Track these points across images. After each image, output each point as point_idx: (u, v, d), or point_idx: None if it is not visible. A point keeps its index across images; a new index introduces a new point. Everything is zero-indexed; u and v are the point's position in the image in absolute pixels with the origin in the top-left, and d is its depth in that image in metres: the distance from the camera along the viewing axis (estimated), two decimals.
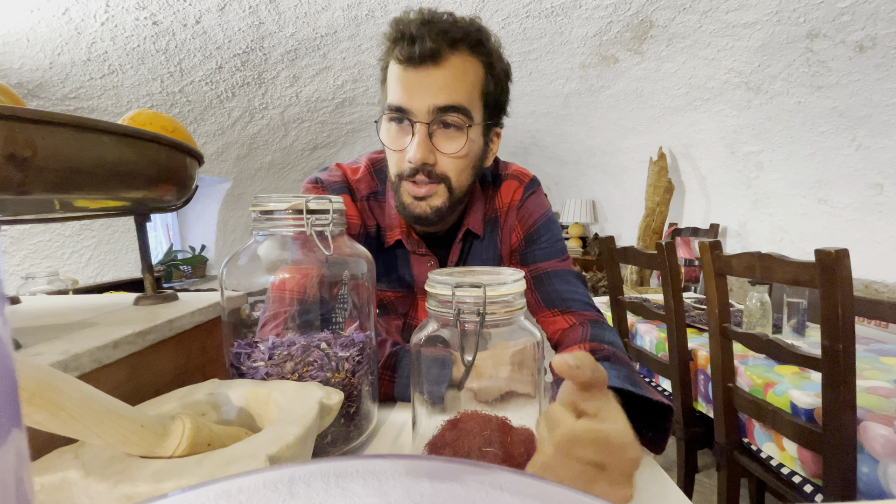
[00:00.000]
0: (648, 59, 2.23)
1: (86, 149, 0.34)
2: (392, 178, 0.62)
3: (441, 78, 0.55)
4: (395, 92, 0.57)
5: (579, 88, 2.68)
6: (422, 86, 0.55)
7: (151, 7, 1.69)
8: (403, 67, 0.55)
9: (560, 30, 2.09)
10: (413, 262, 0.70)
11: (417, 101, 0.55)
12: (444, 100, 0.55)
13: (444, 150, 0.58)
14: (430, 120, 0.56)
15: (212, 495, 0.14)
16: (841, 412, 0.84)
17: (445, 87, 0.55)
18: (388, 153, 0.61)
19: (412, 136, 0.57)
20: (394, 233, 0.68)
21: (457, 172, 0.59)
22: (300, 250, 0.45)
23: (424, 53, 0.53)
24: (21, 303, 0.56)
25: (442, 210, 0.61)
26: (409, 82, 0.55)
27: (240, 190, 3.22)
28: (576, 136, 3.44)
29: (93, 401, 0.23)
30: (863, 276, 1.92)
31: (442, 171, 0.59)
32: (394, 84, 0.57)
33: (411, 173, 0.58)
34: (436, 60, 0.54)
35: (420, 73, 0.55)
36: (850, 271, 0.83)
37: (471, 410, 0.39)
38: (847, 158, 1.96)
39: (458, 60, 0.56)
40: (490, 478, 0.15)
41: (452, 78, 0.55)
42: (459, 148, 0.58)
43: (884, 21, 1.54)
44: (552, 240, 0.71)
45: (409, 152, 0.57)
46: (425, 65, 0.54)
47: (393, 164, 0.61)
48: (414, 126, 0.56)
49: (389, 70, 0.59)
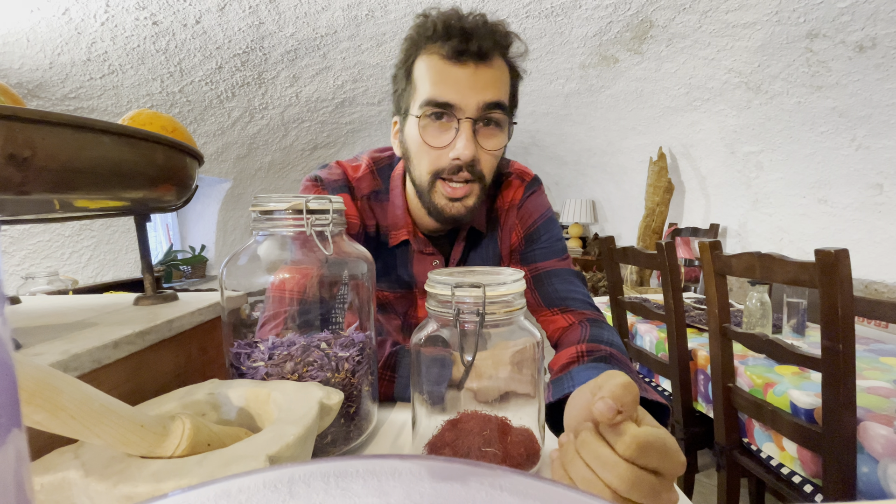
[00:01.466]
0: (648, 59, 2.23)
1: (86, 149, 0.34)
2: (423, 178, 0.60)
3: (490, 75, 0.56)
4: (437, 86, 0.55)
5: (579, 88, 2.68)
6: (471, 81, 0.55)
7: (151, 7, 1.69)
8: (451, 62, 0.55)
9: (560, 30, 2.09)
10: (416, 261, 0.69)
11: (466, 96, 0.55)
12: (492, 96, 0.56)
13: (487, 146, 0.58)
14: (476, 116, 0.56)
15: (212, 495, 0.14)
16: (841, 412, 0.84)
17: (492, 85, 0.56)
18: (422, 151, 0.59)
19: (456, 132, 0.56)
20: (400, 232, 0.67)
21: (490, 169, 0.60)
22: (300, 250, 0.45)
23: (478, 51, 0.54)
24: (21, 303, 0.56)
25: (475, 209, 0.61)
26: (456, 77, 0.55)
27: (240, 190, 3.22)
28: (576, 136, 3.44)
29: (92, 401, 0.23)
30: (863, 276, 1.92)
31: (481, 169, 0.59)
32: (433, 79, 0.56)
33: (454, 170, 0.57)
34: (485, 59, 0.55)
35: (469, 69, 0.55)
36: (850, 271, 0.83)
37: (471, 410, 0.39)
38: (847, 158, 1.96)
39: (498, 61, 0.57)
40: (490, 478, 0.15)
41: (497, 76, 0.57)
42: (500, 145, 0.59)
43: (884, 21, 1.54)
44: (552, 239, 0.71)
45: (458, 149, 0.56)
46: (475, 61, 0.55)
47: (428, 162, 0.59)
48: (459, 122, 0.56)
49: (421, 66, 0.57)
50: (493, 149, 0.58)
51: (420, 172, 0.60)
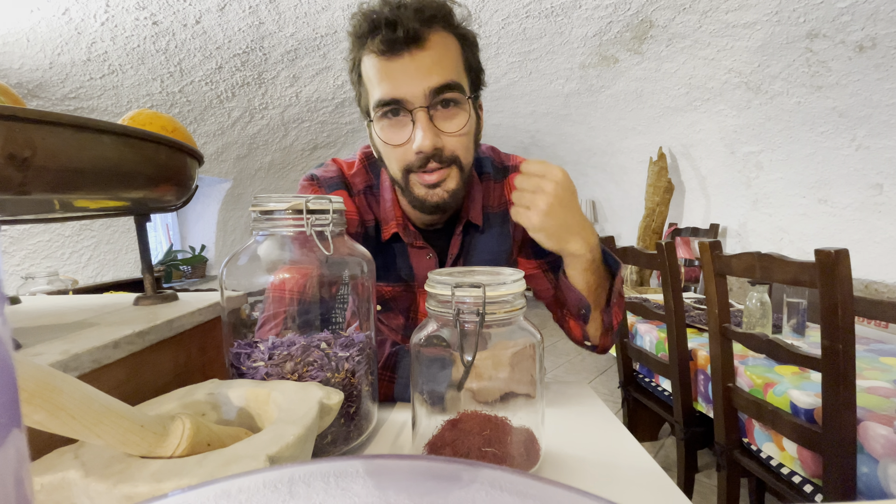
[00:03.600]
0: (648, 59, 2.23)
1: (86, 149, 0.34)
2: (397, 176, 0.59)
3: (428, 58, 0.53)
4: (381, 85, 0.54)
5: (579, 88, 2.68)
6: (411, 71, 0.53)
7: (151, 7, 1.69)
8: (386, 57, 0.53)
9: (560, 30, 2.09)
10: (411, 255, 0.69)
11: (410, 87, 0.53)
12: (438, 79, 0.53)
13: (449, 129, 0.56)
14: (428, 103, 0.54)
15: (212, 495, 0.14)
16: (841, 412, 0.84)
17: (435, 67, 0.53)
18: (387, 151, 0.58)
19: (413, 125, 0.55)
20: (390, 226, 0.66)
21: (464, 150, 0.58)
22: (300, 250, 0.45)
23: (407, 37, 0.51)
24: (21, 303, 0.56)
25: (457, 192, 0.59)
26: (395, 71, 0.53)
27: (240, 190, 3.22)
28: (576, 136, 3.44)
29: (92, 401, 0.23)
30: (863, 276, 1.93)
31: (451, 153, 0.57)
32: (377, 78, 0.54)
33: (422, 163, 0.56)
34: (418, 42, 0.52)
35: (405, 59, 0.53)
36: (850, 271, 0.83)
37: (470, 410, 0.39)
38: (847, 158, 1.96)
39: (438, 38, 0.54)
40: (490, 478, 0.15)
41: (439, 56, 0.54)
42: (463, 124, 0.56)
43: (884, 21, 1.54)
44: None
45: (416, 141, 0.54)
46: (409, 49, 0.52)
47: (396, 160, 0.58)
48: (413, 114, 0.54)
49: (365, 66, 0.56)
50: (455, 130, 0.56)
51: (393, 171, 0.60)
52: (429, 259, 0.68)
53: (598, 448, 0.45)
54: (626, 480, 0.40)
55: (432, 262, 0.68)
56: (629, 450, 0.45)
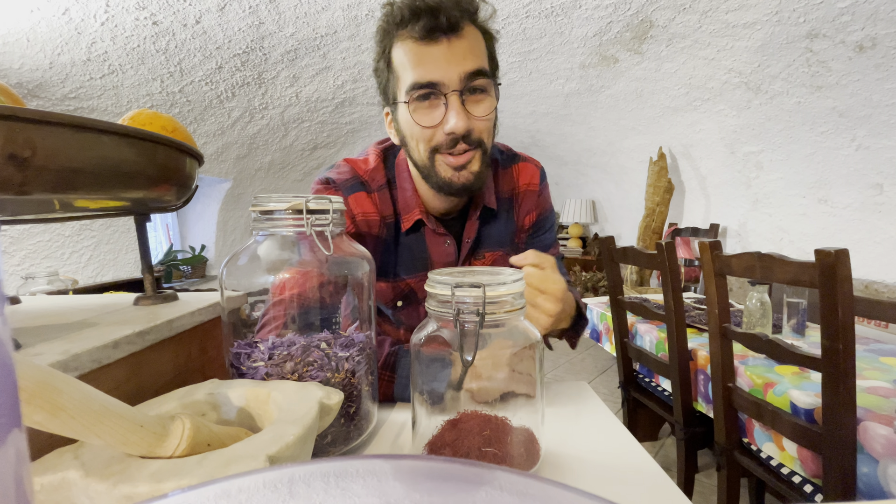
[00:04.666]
0: (648, 59, 2.23)
1: (86, 149, 0.34)
2: (423, 157, 0.62)
3: (465, 45, 0.57)
4: (417, 69, 0.57)
5: (579, 88, 2.68)
6: (448, 56, 0.56)
7: (151, 7, 1.69)
8: (424, 43, 0.56)
9: (560, 30, 2.09)
10: (430, 244, 0.70)
11: (447, 71, 0.56)
12: (472, 65, 0.57)
13: (478, 113, 0.59)
14: (461, 87, 0.57)
15: (212, 495, 0.14)
16: (841, 412, 0.84)
17: (469, 54, 0.57)
18: (416, 133, 0.60)
19: (446, 108, 0.58)
20: (412, 214, 0.68)
21: (487, 134, 0.62)
22: (300, 251, 0.45)
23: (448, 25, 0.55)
24: (21, 303, 0.56)
25: (482, 174, 0.62)
26: (433, 55, 0.56)
27: (240, 190, 3.22)
28: (576, 136, 3.44)
29: (92, 401, 0.23)
30: (863, 276, 1.92)
31: (478, 136, 0.60)
32: (413, 63, 0.57)
33: (451, 144, 0.59)
34: (456, 31, 0.56)
35: (443, 45, 0.56)
36: (850, 271, 0.83)
37: (470, 410, 0.39)
38: (847, 158, 1.96)
39: (471, 29, 0.58)
40: (490, 478, 0.15)
41: (472, 45, 0.58)
42: (490, 109, 0.60)
43: (884, 21, 1.54)
44: (552, 230, 0.79)
45: (450, 122, 0.57)
46: (447, 36, 0.56)
47: (424, 141, 0.60)
48: (447, 97, 0.57)
49: (398, 53, 0.59)
50: (484, 114, 0.60)
51: (419, 153, 0.62)
52: (447, 246, 0.71)
53: (598, 448, 0.45)
54: (626, 480, 0.40)
55: (451, 249, 0.71)
56: (629, 450, 0.45)
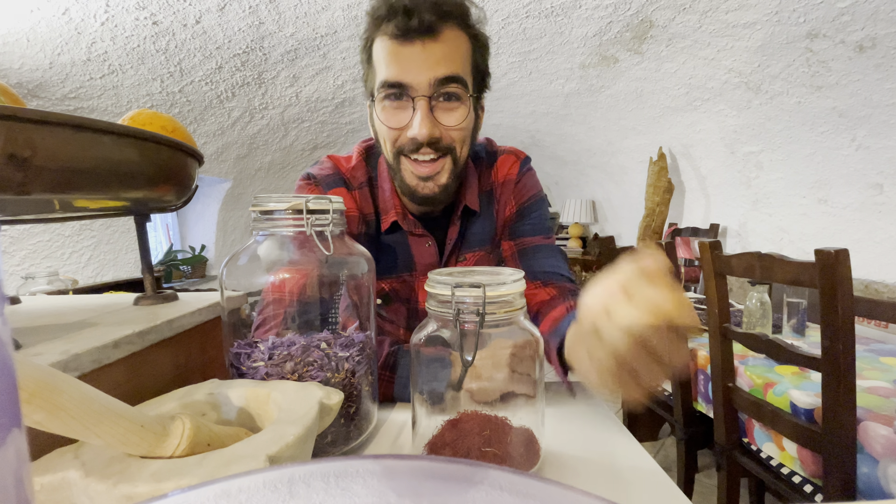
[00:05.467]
0: (648, 59, 2.23)
1: (86, 149, 0.34)
2: (390, 158, 0.60)
3: (439, 50, 0.54)
4: (389, 68, 0.55)
5: (579, 88, 2.67)
6: (420, 59, 0.54)
7: (151, 7, 1.69)
8: (398, 42, 0.54)
9: (560, 30, 2.09)
10: (412, 244, 0.69)
11: (417, 74, 0.54)
12: (444, 71, 0.55)
13: (447, 122, 0.57)
14: (431, 93, 0.55)
15: (212, 495, 0.14)
16: (841, 412, 0.84)
17: (444, 59, 0.55)
18: (384, 132, 0.59)
19: (413, 111, 0.56)
20: (389, 215, 0.67)
21: (460, 143, 0.59)
22: (300, 250, 0.45)
23: (421, 26, 0.53)
24: (21, 303, 0.56)
25: (449, 186, 0.60)
26: (405, 56, 0.54)
27: (240, 190, 3.21)
28: (576, 136, 3.43)
29: (92, 401, 0.23)
30: (863, 276, 1.92)
31: (448, 143, 0.58)
32: (386, 60, 0.55)
33: (415, 147, 0.57)
34: (432, 33, 0.54)
35: (417, 47, 0.54)
36: (850, 271, 0.83)
37: (470, 410, 0.39)
38: (847, 158, 1.96)
39: (451, 33, 0.55)
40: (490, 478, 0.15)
41: (449, 50, 0.55)
42: (462, 119, 0.57)
43: (884, 21, 1.54)
44: (541, 218, 0.73)
45: (414, 128, 0.56)
46: (422, 38, 0.54)
47: (390, 141, 0.59)
48: (414, 101, 0.55)
49: (377, 47, 0.57)
50: (454, 123, 0.57)
51: (386, 152, 0.61)
52: (428, 247, 0.69)
53: (598, 448, 0.45)
54: (626, 480, 0.40)
55: (432, 250, 0.69)
56: (629, 450, 0.45)
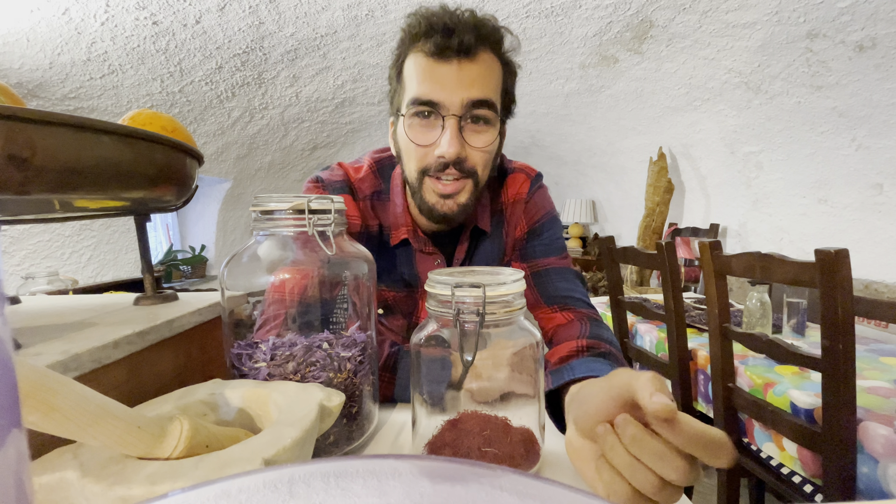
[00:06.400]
0: (648, 59, 2.23)
1: (86, 149, 0.34)
2: (412, 176, 0.60)
3: (474, 71, 0.55)
4: (422, 85, 0.55)
5: (579, 88, 2.67)
6: (455, 78, 0.54)
7: (151, 7, 1.69)
8: (434, 60, 0.55)
9: (560, 30, 2.09)
10: (418, 260, 0.69)
11: (451, 93, 0.54)
12: (477, 93, 0.55)
13: (475, 143, 0.57)
14: (461, 113, 0.55)
15: (212, 495, 0.14)
16: (841, 412, 0.84)
17: (478, 81, 0.55)
18: (410, 149, 0.59)
19: (442, 130, 0.56)
20: (399, 231, 0.67)
21: (483, 166, 0.59)
22: (300, 250, 0.44)
23: (460, 46, 0.53)
24: (21, 303, 0.56)
25: (468, 206, 0.60)
26: (440, 75, 0.55)
27: (240, 190, 3.21)
28: (576, 136, 3.43)
29: (87, 401, 0.23)
30: (863, 276, 1.92)
31: (472, 166, 0.58)
32: (420, 77, 0.56)
33: (440, 168, 0.57)
34: (469, 54, 0.54)
35: (453, 66, 0.54)
36: (850, 271, 0.83)
37: (470, 410, 0.39)
38: (847, 158, 1.96)
39: (486, 56, 0.56)
40: (490, 478, 0.15)
41: (483, 72, 0.56)
42: (490, 142, 0.58)
43: (884, 21, 1.54)
44: (554, 237, 0.71)
45: (442, 146, 0.56)
46: (458, 58, 0.54)
47: (415, 160, 0.59)
48: (445, 120, 0.55)
49: (410, 64, 0.57)
50: (481, 146, 0.58)
51: (409, 170, 0.61)
52: (437, 265, 0.69)
53: None
54: None
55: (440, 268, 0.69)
56: None
